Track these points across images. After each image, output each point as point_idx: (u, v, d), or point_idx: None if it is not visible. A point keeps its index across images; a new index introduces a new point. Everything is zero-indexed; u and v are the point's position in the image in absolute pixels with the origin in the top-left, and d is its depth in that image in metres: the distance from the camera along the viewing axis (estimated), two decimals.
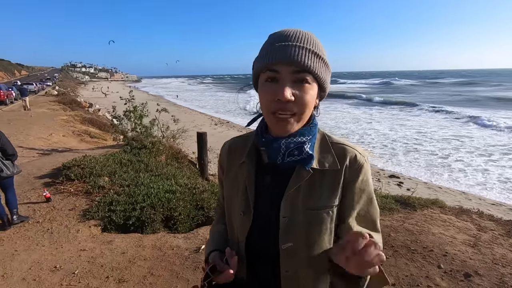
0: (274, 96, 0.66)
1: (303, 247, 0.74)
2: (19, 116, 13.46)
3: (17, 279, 2.48)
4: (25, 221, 3.50)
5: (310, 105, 0.69)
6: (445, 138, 14.01)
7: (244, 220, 0.79)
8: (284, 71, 0.66)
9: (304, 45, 0.66)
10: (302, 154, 0.72)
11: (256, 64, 0.72)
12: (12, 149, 3.39)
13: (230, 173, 0.85)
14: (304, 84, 0.67)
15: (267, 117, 0.71)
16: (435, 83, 67.60)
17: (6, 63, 78.62)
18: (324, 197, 0.74)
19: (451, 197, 7.15)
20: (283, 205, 0.74)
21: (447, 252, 2.73)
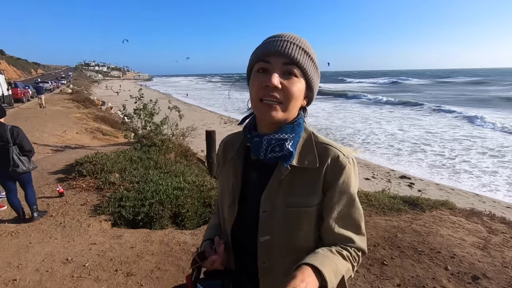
0: (263, 83, 0.70)
1: (280, 241, 0.77)
2: (35, 114, 13.88)
3: (31, 270, 2.58)
4: (44, 215, 3.62)
5: (295, 97, 0.72)
6: (455, 139, 13.73)
7: (230, 213, 0.83)
8: (275, 61, 0.71)
9: (296, 42, 0.72)
10: (283, 151, 0.74)
11: (251, 57, 0.77)
12: (29, 146, 3.50)
13: (224, 168, 0.89)
14: (292, 76, 0.71)
15: (255, 105, 0.74)
16: (446, 82, 66.11)
17: (23, 62, 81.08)
18: (303, 195, 0.76)
19: (463, 199, 7.01)
20: (263, 199, 0.77)
21: (455, 254, 2.69)
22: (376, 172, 9.25)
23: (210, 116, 21.11)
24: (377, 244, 2.91)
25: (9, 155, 3.26)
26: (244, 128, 0.84)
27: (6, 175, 3.38)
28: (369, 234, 3.12)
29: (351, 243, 0.75)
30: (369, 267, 2.57)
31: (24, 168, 3.39)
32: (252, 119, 0.83)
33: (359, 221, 0.78)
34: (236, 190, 0.82)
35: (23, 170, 3.38)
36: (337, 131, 15.91)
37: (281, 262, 0.78)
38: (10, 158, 3.27)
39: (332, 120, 19.54)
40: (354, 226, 0.77)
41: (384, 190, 4.63)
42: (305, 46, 0.73)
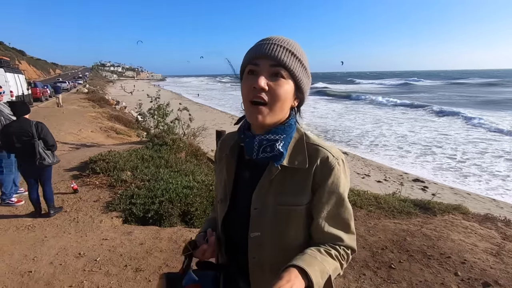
0: (251, 84, 0.73)
1: (270, 238, 0.79)
2: (53, 112, 14.35)
3: (46, 262, 2.69)
4: (59, 211, 3.75)
5: (282, 99, 0.74)
6: (470, 141, 13.37)
7: (221, 208, 0.87)
8: (263, 64, 0.73)
9: (283, 45, 0.74)
10: (274, 151, 0.77)
11: (242, 60, 0.80)
12: (53, 140, 3.65)
13: (219, 164, 0.94)
14: (280, 78, 0.74)
15: (246, 107, 0.77)
16: (461, 83, 64.11)
17: (43, 62, 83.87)
18: (293, 194, 0.78)
19: (480, 204, 6.80)
20: (254, 197, 0.80)
21: (466, 260, 2.63)
22: (388, 175, 9.10)
23: (221, 116, 21.25)
24: (385, 247, 2.87)
25: (35, 149, 3.42)
26: (238, 129, 0.88)
27: (31, 170, 3.53)
28: (377, 237, 3.08)
29: (340, 241, 0.78)
30: (376, 270, 2.54)
31: (50, 161, 3.54)
32: (246, 120, 0.85)
33: (348, 220, 0.79)
34: (228, 186, 0.86)
35: (48, 163, 3.53)
36: (345, 132, 15.80)
37: (271, 258, 0.80)
38: (36, 152, 3.42)
39: (342, 121, 19.39)
40: (343, 225, 0.79)
41: (394, 193, 4.56)
42: (293, 48, 0.75)
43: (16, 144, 3.38)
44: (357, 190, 4.50)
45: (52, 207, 3.68)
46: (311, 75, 0.83)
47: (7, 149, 3.58)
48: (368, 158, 10.95)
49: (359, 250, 2.84)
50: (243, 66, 0.79)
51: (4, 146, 3.48)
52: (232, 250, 0.88)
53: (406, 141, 13.65)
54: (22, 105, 3.59)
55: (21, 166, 3.58)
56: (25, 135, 3.39)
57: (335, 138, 14.23)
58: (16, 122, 3.45)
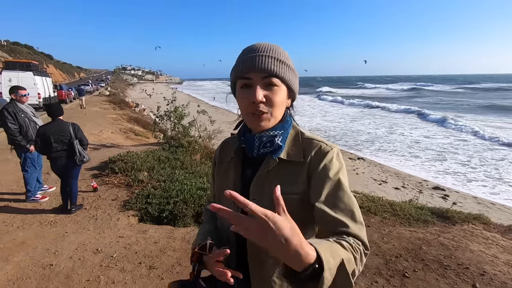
0: (249, 99, 0.78)
1: None
2: (77, 114, 14.98)
3: (66, 257, 2.82)
4: (80, 209, 3.92)
5: (280, 105, 0.80)
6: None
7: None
8: (255, 77, 0.77)
9: (270, 55, 0.78)
10: (274, 146, 0.82)
11: (232, 74, 0.84)
12: (86, 140, 3.91)
13: (221, 168, 0.96)
14: (273, 87, 0.78)
15: (246, 118, 0.83)
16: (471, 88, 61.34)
17: (68, 66, 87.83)
18: (288, 183, 0.81)
19: (505, 215, 6.48)
20: (251, 188, 0.85)
21: (485, 271, 2.52)
22: (406, 182, 8.85)
23: (236, 118, 21.39)
24: (399, 255, 2.80)
25: (74, 148, 3.67)
26: (238, 132, 0.93)
27: (65, 168, 3.73)
28: (391, 244, 3.01)
29: (345, 227, 0.73)
30: (389, 278, 2.49)
31: (87, 158, 3.83)
32: (245, 123, 0.91)
33: (350, 205, 0.76)
34: (238, 185, 0.89)
35: (87, 160, 3.82)
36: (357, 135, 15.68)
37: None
38: (76, 151, 3.67)
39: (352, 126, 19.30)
40: (346, 211, 0.75)
41: (411, 200, 4.44)
42: (280, 56, 0.79)
43: (53, 144, 3.59)
44: (372, 196, 4.42)
45: (74, 204, 3.86)
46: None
47: (43, 149, 3.70)
48: (384, 164, 10.70)
49: (372, 257, 2.79)
50: (234, 80, 0.83)
51: (40, 146, 3.64)
52: (243, 254, 0.86)
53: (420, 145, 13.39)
54: (57, 107, 3.82)
55: (57, 165, 3.73)
56: (64, 136, 3.63)
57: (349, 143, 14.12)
58: (53, 123, 3.67)
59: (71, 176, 3.82)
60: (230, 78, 0.86)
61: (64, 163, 3.71)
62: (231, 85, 0.87)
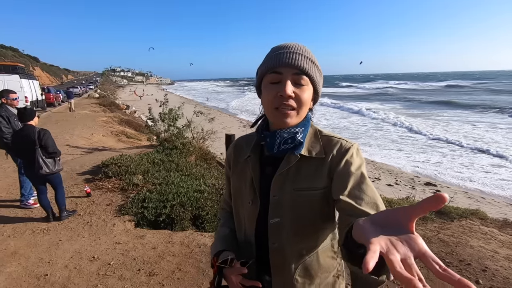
0: (277, 92, 0.77)
1: (289, 223, 0.82)
2: (66, 117, 14.66)
3: (61, 266, 2.71)
4: (72, 215, 3.78)
5: (306, 103, 0.81)
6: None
7: (252, 209, 0.87)
8: (286, 72, 0.78)
9: (303, 53, 0.79)
10: (295, 142, 0.82)
11: (260, 69, 0.83)
12: (53, 148, 3.56)
13: (237, 168, 0.95)
14: (303, 85, 0.79)
15: (270, 113, 0.82)
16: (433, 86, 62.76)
17: (55, 68, 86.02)
18: (309, 179, 0.82)
19: (495, 209, 6.61)
20: (272, 185, 0.84)
21: (487, 267, 2.54)
22: (399, 178, 8.95)
23: (229, 119, 21.34)
24: None
25: (34, 157, 3.40)
26: (256, 129, 0.92)
27: (34, 176, 3.52)
28: None
29: None
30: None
31: (47, 170, 3.47)
32: (263, 121, 0.91)
33: (374, 198, 0.74)
34: (256, 184, 0.88)
35: (46, 172, 3.47)
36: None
37: (290, 243, 0.83)
38: (35, 160, 3.40)
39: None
40: (371, 203, 0.72)
41: (408, 197, 4.47)
42: (311, 56, 0.81)
43: (20, 150, 3.42)
44: None
45: (63, 211, 3.70)
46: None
47: (14, 154, 3.59)
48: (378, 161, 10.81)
49: None
50: (262, 74, 0.82)
51: (12, 151, 3.52)
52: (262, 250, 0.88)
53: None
54: (30, 111, 3.56)
55: (27, 172, 3.58)
56: (28, 142, 3.39)
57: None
58: (21, 129, 3.47)
59: (52, 185, 3.63)
60: (257, 73, 0.85)
61: (32, 173, 3.49)
62: (256, 81, 0.86)
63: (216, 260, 0.87)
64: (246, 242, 0.90)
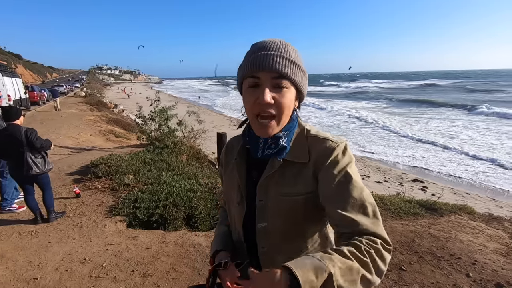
0: (256, 99, 0.74)
1: (276, 228, 0.82)
2: (51, 116, 14.25)
3: (51, 269, 2.64)
4: (61, 216, 3.67)
5: (288, 108, 0.77)
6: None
7: (239, 210, 0.88)
8: (264, 77, 0.73)
9: (282, 54, 0.74)
10: (278, 147, 0.80)
11: (240, 72, 0.79)
12: (40, 142, 3.39)
13: (227, 169, 0.96)
14: (283, 89, 0.74)
15: (251, 120, 0.79)
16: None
17: (39, 66, 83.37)
18: (293, 184, 0.80)
19: (479, 204, 6.82)
20: (258, 190, 0.84)
21: (476, 261, 2.61)
22: (387, 175, 9.11)
23: (220, 118, 21.23)
24: (394, 249, 2.85)
25: (23, 157, 3.28)
26: (242, 132, 0.91)
27: (23, 177, 3.41)
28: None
29: (355, 225, 0.69)
30: (387, 273, 2.52)
31: (38, 170, 3.38)
32: (249, 123, 0.87)
33: (361, 200, 0.71)
34: (243, 188, 0.88)
35: (36, 172, 3.38)
36: None
37: (278, 247, 0.83)
38: (24, 161, 3.28)
39: None
40: (357, 206, 0.70)
41: (399, 193, 4.56)
42: (292, 56, 0.75)
43: (5, 151, 3.28)
44: None
45: (52, 212, 3.60)
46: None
47: (0, 156, 3.45)
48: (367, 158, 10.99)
49: None
50: (241, 77, 0.78)
51: None
52: (253, 249, 0.89)
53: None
54: (15, 110, 3.44)
55: (12, 174, 3.46)
56: (14, 142, 3.26)
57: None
58: (6, 128, 3.32)
59: (40, 186, 3.53)
60: (237, 75, 0.81)
61: (19, 174, 3.38)
62: (237, 83, 0.83)
63: (213, 261, 0.89)
64: (239, 241, 0.91)
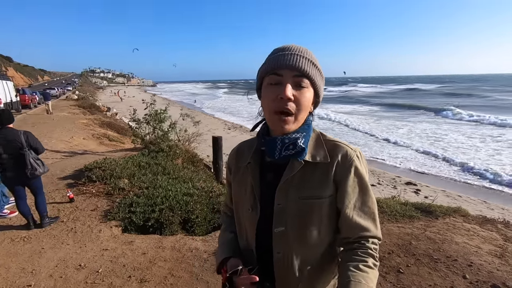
0: (277, 95, 0.76)
1: (294, 232, 0.81)
2: (43, 120, 14.01)
3: (45, 275, 2.58)
4: (55, 221, 3.60)
5: (306, 107, 0.79)
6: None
7: (252, 215, 0.86)
8: (286, 74, 0.76)
9: (304, 55, 0.78)
10: (296, 148, 0.80)
11: (262, 69, 0.81)
12: (42, 148, 3.53)
13: (238, 174, 0.94)
14: (303, 87, 0.77)
15: (269, 117, 0.80)
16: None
17: (30, 68, 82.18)
18: (315, 187, 0.81)
19: (471, 206, 6.91)
20: (277, 193, 0.83)
21: (472, 262, 2.65)
22: (381, 179, 9.19)
23: (214, 122, 21.17)
24: (391, 252, 2.87)
25: (25, 159, 3.26)
26: (257, 134, 0.90)
27: (19, 180, 3.37)
28: (383, 241, 3.07)
29: (368, 232, 0.80)
30: (385, 275, 2.53)
31: (41, 171, 3.40)
32: (264, 125, 0.88)
33: (374, 209, 0.82)
34: (257, 191, 0.87)
35: (40, 173, 3.39)
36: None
37: (295, 252, 0.82)
38: (27, 163, 3.27)
39: None
40: (370, 215, 0.82)
41: (394, 196, 4.60)
42: (312, 58, 0.79)
43: (3, 155, 3.22)
44: None
45: (45, 218, 3.53)
46: None
47: None
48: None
49: None
50: (262, 75, 0.81)
51: None
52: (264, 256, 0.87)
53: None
54: (7, 114, 3.40)
55: (7, 177, 3.38)
56: (14, 145, 3.25)
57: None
58: (1, 132, 3.28)
59: (34, 190, 3.47)
60: (257, 74, 0.83)
61: (17, 178, 3.34)
62: (257, 82, 0.85)
63: (226, 269, 0.86)
64: (248, 249, 0.89)
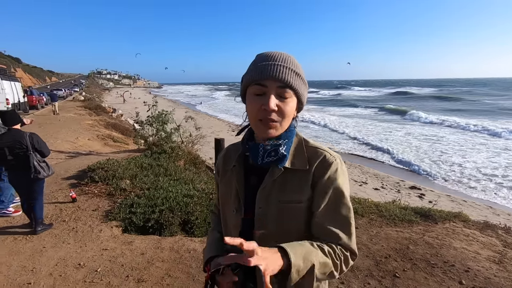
0: (261, 105, 0.78)
1: (275, 235, 0.84)
2: (49, 120, 14.24)
3: (45, 274, 2.63)
4: (48, 229, 3.52)
5: (290, 116, 0.82)
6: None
7: (236, 217, 0.89)
8: (271, 85, 0.78)
9: (287, 65, 0.80)
10: (278, 155, 0.83)
11: (245, 78, 0.83)
12: (48, 150, 3.52)
13: (225, 176, 0.97)
14: (286, 98, 0.80)
15: (254, 124, 0.83)
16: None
17: (39, 70, 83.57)
18: (294, 192, 0.84)
19: (476, 211, 6.84)
20: (258, 197, 0.86)
21: (469, 268, 2.63)
22: (385, 182, 9.14)
23: (218, 123, 21.28)
24: (388, 256, 2.87)
25: (29, 162, 3.27)
26: (242, 139, 0.94)
27: (24, 183, 3.39)
28: (380, 245, 3.08)
29: (337, 239, 0.80)
30: (380, 279, 2.53)
31: (45, 174, 3.39)
32: (249, 130, 0.92)
33: (347, 218, 0.82)
34: (241, 194, 0.89)
35: (43, 176, 3.38)
36: None
37: None
38: (31, 165, 3.27)
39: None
40: (341, 223, 0.82)
41: (394, 200, 4.58)
42: (295, 67, 0.81)
43: (8, 156, 3.22)
44: (358, 198, 4.51)
45: (39, 224, 3.46)
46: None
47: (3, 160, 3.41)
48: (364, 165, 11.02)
49: (362, 258, 2.83)
50: (246, 84, 0.83)
51: None
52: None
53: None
54: (13, 114, 3.40)
55: (12, 179, 3.43)
56: (18, 147, 3.23)
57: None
58: (7, 133, 3.29)
59: (33, 194, 3.42)
60: (241, 82, 0.86)
61: (20, 179, 3.35)
62: (241, 90, 0.87)
63: (209, 268, 0.89)
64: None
